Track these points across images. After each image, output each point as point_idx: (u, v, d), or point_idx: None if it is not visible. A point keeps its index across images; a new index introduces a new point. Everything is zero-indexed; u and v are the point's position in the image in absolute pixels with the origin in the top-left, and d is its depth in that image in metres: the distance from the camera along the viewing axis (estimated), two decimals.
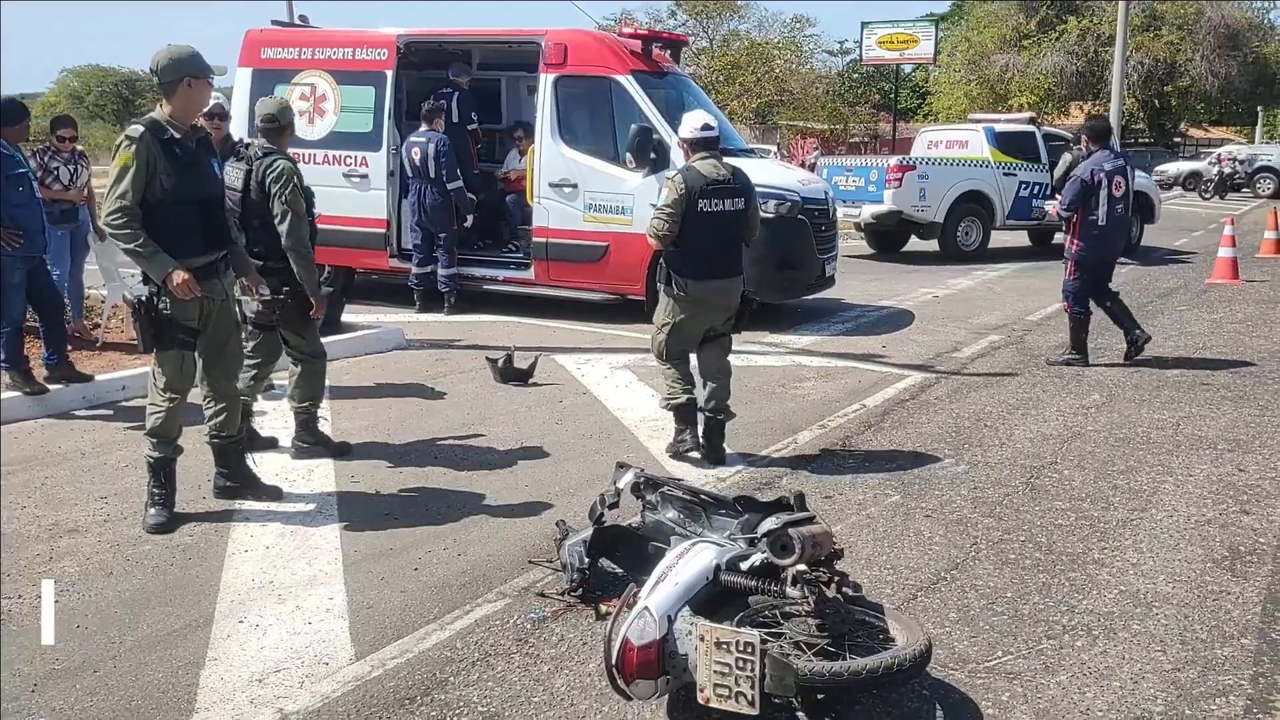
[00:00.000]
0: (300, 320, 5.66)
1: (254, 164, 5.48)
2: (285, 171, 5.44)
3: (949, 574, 4.31)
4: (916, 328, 10.19)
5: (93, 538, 4.66)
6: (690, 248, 5.66)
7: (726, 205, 5.68)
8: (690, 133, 5.80)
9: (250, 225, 5.46)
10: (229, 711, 3.28)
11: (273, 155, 5.50)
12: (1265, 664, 3.57)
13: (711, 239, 5.68)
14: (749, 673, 2.90)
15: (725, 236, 5.75)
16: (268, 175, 5.42)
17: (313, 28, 11.60)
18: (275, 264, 5.47)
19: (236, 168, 5.49)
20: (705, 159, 5.73)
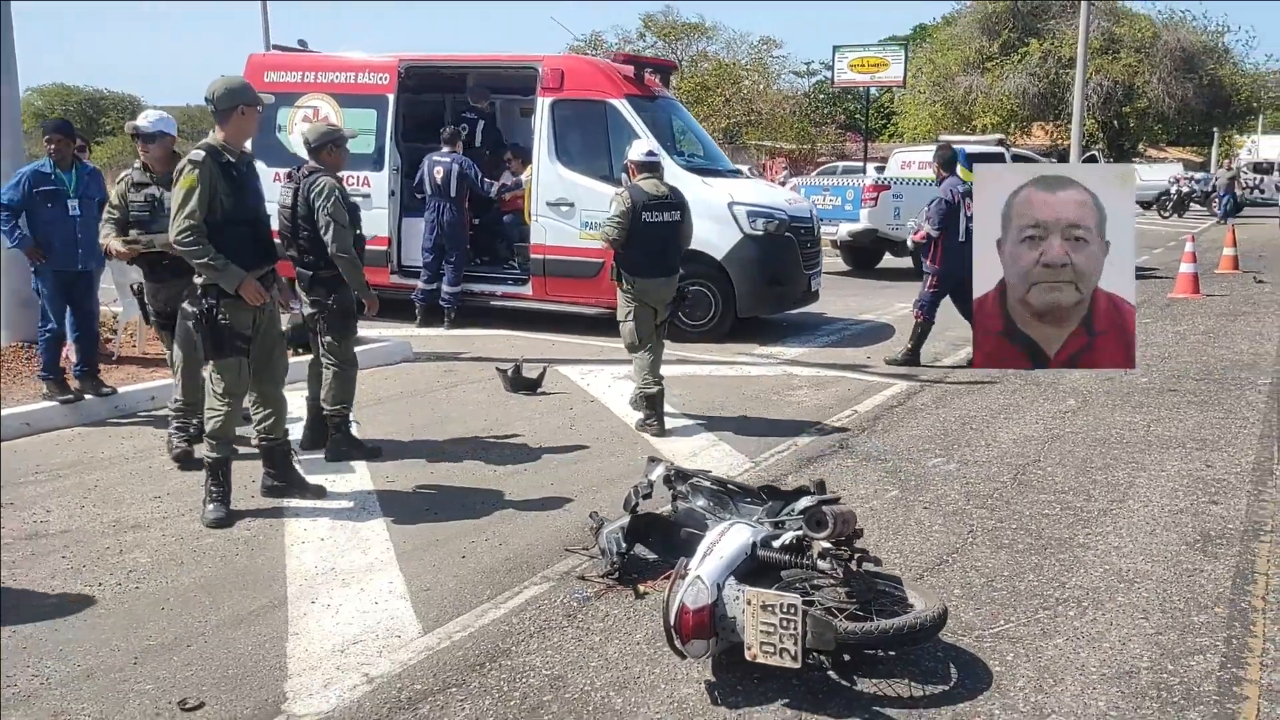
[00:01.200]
0: (343, 326, 6.04)
1: (301, 183, 5.87)
2: (327, 187, 5.84)
3: (950, 557, 4.75)
4: (897, 340, 10.65)
5: (156, 532, 5.00)
6: (636, 251, 6.85)
7: (665, 216, 6.96)
8: (638, 156, 7.16)
9: (300, 238, 5.84)
10: (319, 677, 3.64)
11: (317, 174, 5.89)
12: (1236, 628, 4.03)
13: (652, 244, 6.90)
14: (792, 631, 3.31)
15: (664, 242, 6.98)
16: (312, 191, 5.81)
17: (312, 51, 11.98)
18: (325, 273, 5.91)
19: (288, 188, 5.89)
20: (648, 179, 7.01)
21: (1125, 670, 3.69)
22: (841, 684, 3.57)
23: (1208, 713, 3.41)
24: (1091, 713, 3.40)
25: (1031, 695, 3.51)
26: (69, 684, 3.57)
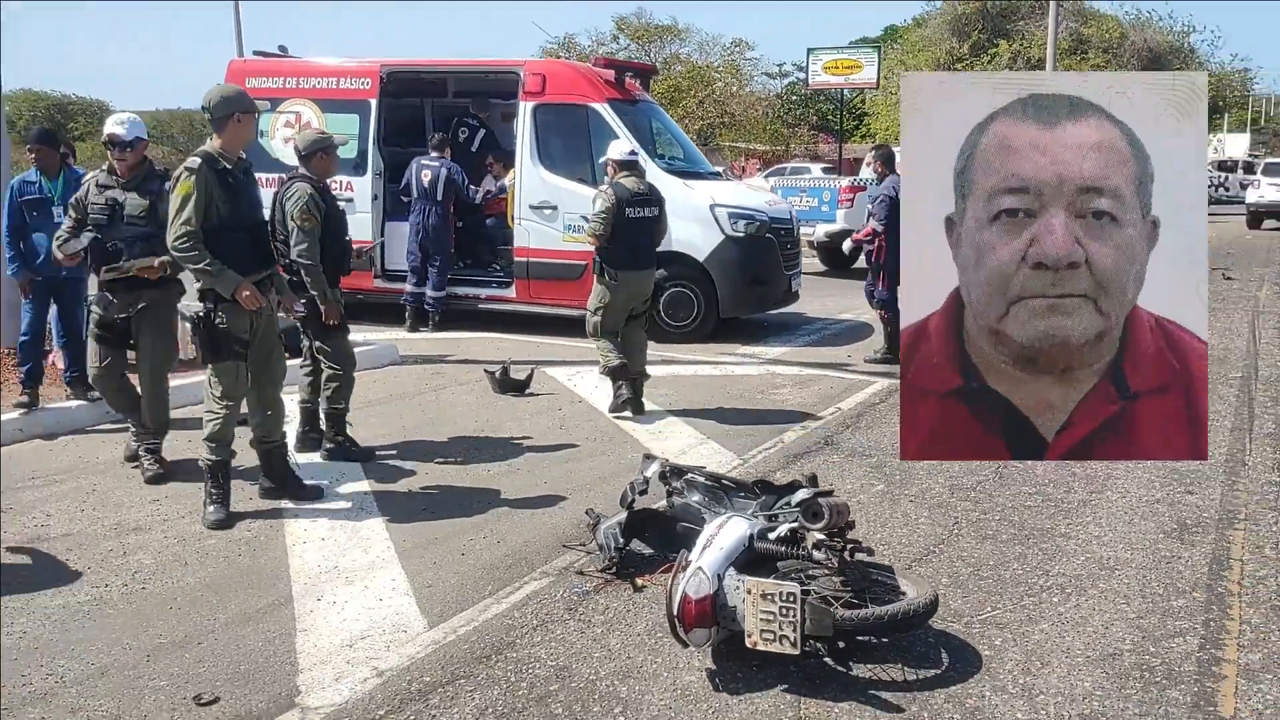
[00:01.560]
0: (320, 328, 6.11)
1: (280, 188, 5.97)
2: (299, 193, 5.92)
3: (937, 548, 4.89)
4: (876, 338, 10.82)
5: (158, 535, 5.07)
6: (620, 245, 7.24)
7: (646, 212, 7.41)
8: (619, 155, 7.53)
9: (278, 243, 5.92)
10: (330, 671, 3.73)
11: (294, 180, 6.02)
12: (1214, 611, 4.19)
13: (635, 239, 7.31)
14: (791, 618, 3.43)
15: (645, 237, 7.42)
16: (286, 198, 5.93)
17: (292, 57, 12.02)
18: (298, 279, 5.97)
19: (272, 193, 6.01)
20: (628, 177, 7.40)
21: (1109, 653, 3.83)
22: (838, 670, 3.70)
23: (1188, 691, 3.56)
24: (1078, 693, 3.54)
25: (1020, 677, 3.65)
26: (84, 681, 3.65)
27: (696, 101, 42.84)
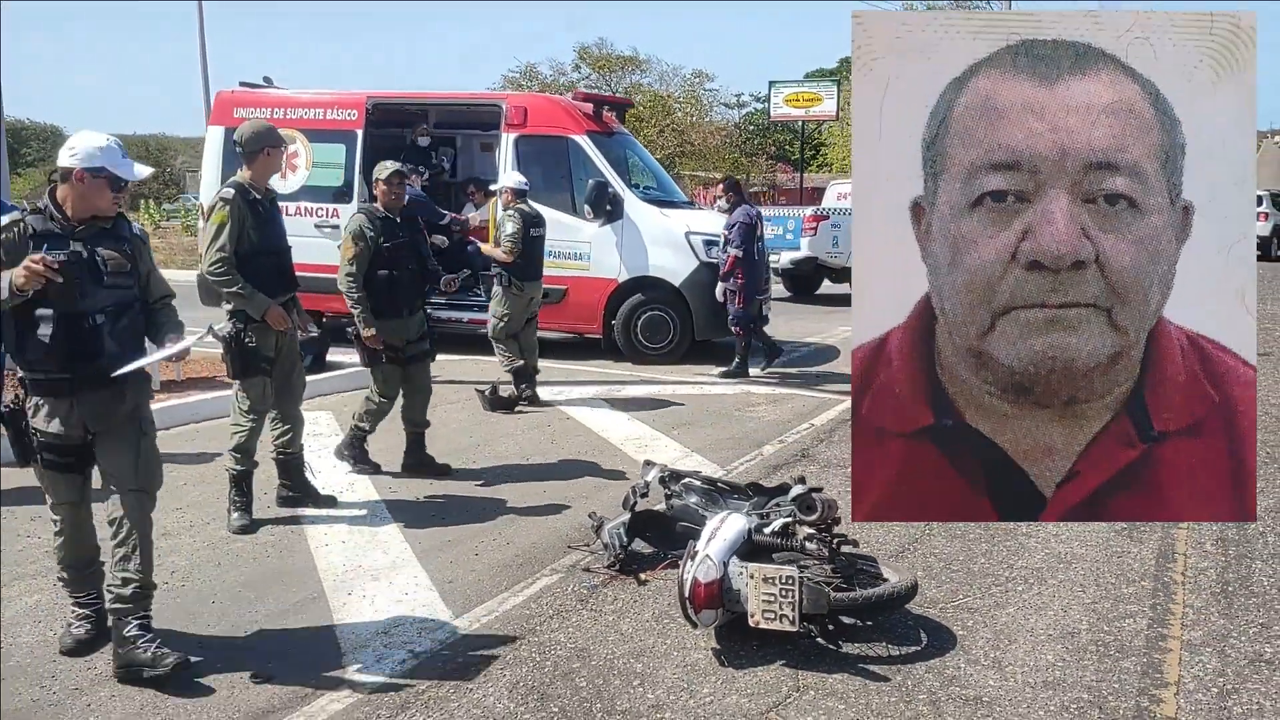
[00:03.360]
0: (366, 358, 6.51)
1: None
2: (350, 222, 6.40)
3: (911, 545, 5.36)
4: (843, 360, 11.36)
5: (187, 539, 5.41)
6: (525, 260, 8.72)
7: (539, 231, 8.95)
8: (514, 184, 8.90)
9: None
10: (371, 653, 4.11)
11: (356, 211, 6.36)
12: (1160, 597, 4.68)
13: (535, 254, 8.87)
14: (791, 599, 3.87)
15: (540, 252, 8.99)
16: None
17: (277, 88, 12.38)
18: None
19: None
20: (522, 203, 8.80)
21: (1068, 631, 4.31)
22: (829, 648, 4.13)
23: (1138, 662, 4.03)
24: (1041, 664, 4.01)
25: (990, 652, 4.11)
26: None
27: (657, 131, 43.53)
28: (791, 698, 3.75)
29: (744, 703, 3.71)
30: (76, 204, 3.79)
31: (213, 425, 7.83)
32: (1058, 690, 3.80)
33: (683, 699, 3.74)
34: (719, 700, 3.73)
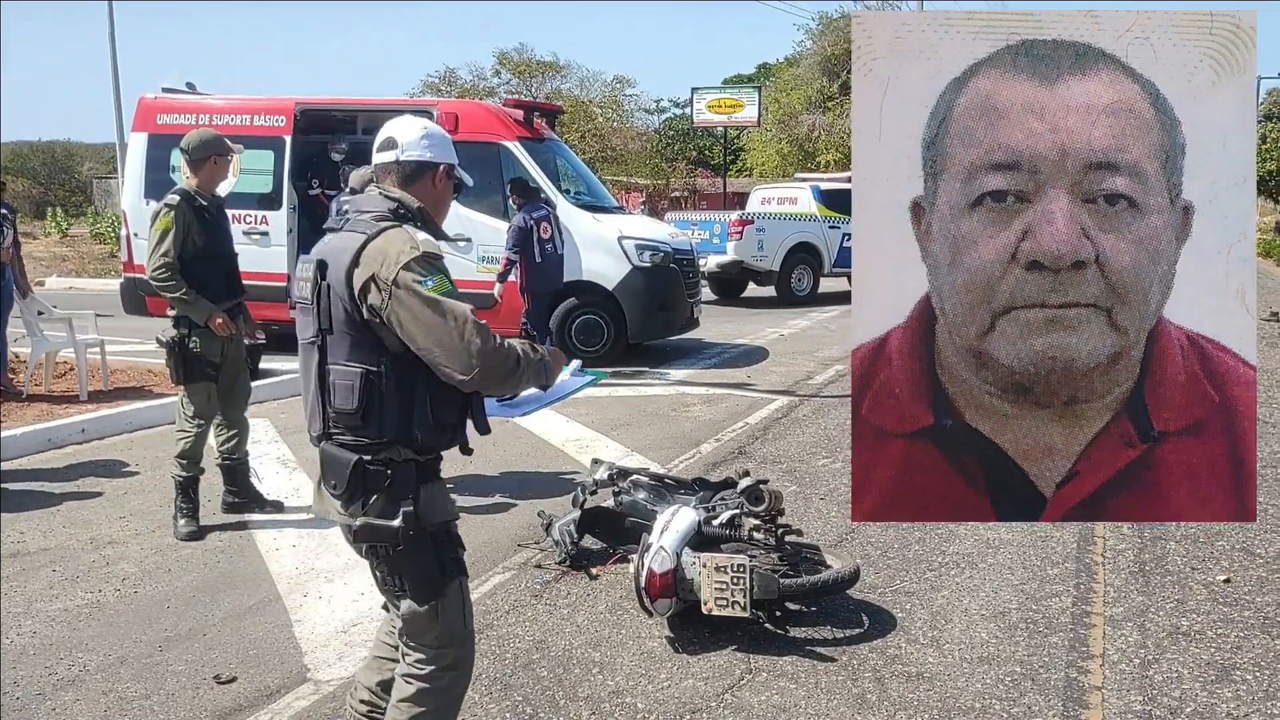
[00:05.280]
0: None
1: None
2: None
3: (849, 536, 5.58)
4: (773, 361, 11.64)
5: (134, 547, 5.40)
6: None
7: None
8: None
9: None
10: (332, 651, 4.19)
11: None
12: (1083, 577, 4.97)
13: None
14: (742, 586, 4.05)
15: None
16: None
17: (201, 94, 12.26)
18: None
19: None
20: None
21: (999, 611, 4.56)
22: (778, 633, 4.32)
23: (1065, 637, 4.29)
24: (976, 641, 4.24)
25: (929, 632, 4.34)
26: (107, 669, 4.02)
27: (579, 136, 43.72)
28: (745, 680, 3.92)
29: (700, 686, 3.88)
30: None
31: (146, 435, 7.80)
32: (993, 665, 4.03)
33: (642, 684, 3.89)
34: (676, 684, 3.89)
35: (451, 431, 2.77)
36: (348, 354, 2.63)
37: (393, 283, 2.53)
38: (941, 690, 3.84)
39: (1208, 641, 4.25)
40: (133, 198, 11.76)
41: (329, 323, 2.63)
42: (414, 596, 2.72)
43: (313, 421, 2.73)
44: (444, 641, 2.80)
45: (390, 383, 2.62)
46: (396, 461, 2.66)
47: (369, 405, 2.61)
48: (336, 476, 2.65)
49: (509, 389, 2.76)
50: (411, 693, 2.78)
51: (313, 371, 2.70)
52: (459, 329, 2.53)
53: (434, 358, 2.56)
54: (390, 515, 2.63)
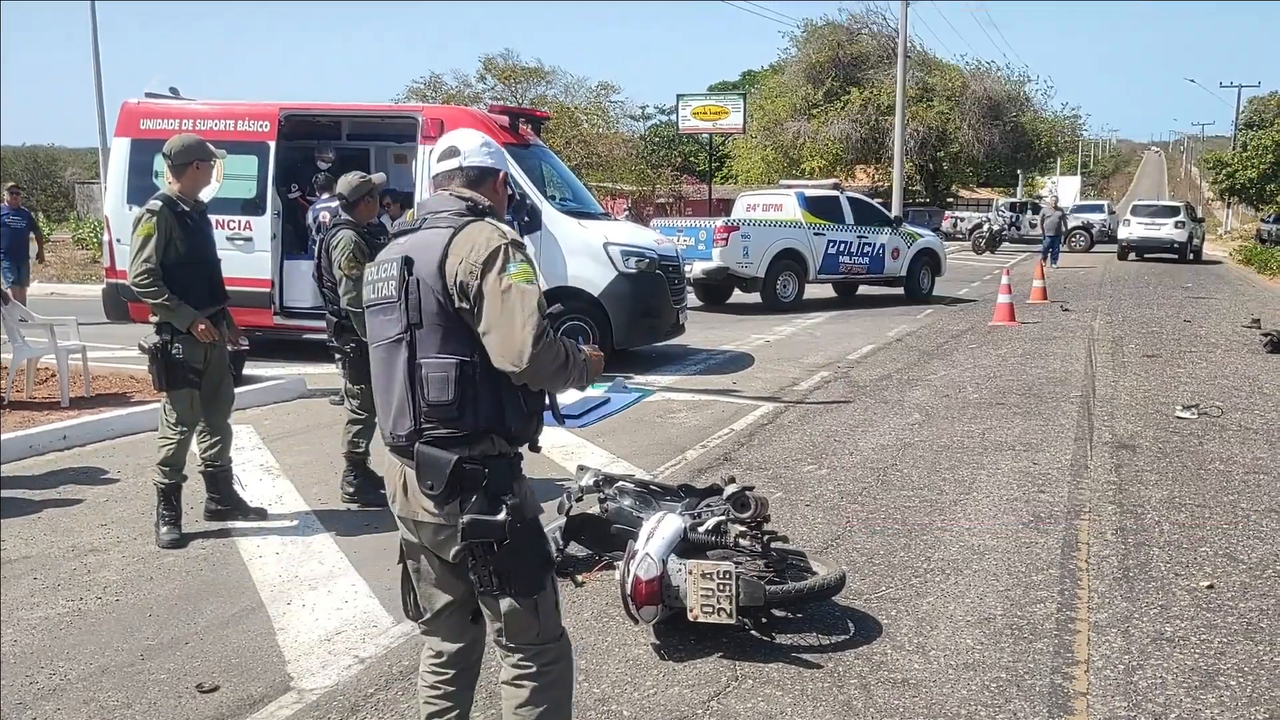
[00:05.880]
0: (363, 373, 6.29)
1: (325, 234, 6.31)
2: (345, 241, 6.11)
3: (834, 542, 5.58)
4: (758, 367, 11.65)
5: (116, 555, 5.36)
6: None
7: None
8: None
9: (325, 287, 6.24)
10: (315, 661, 4.16)
11: (338, 228, 6.23)
12: (1067, 583, 4.98)
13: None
14: (728, 593, 4.04)
15: None
16: (332, 246, 6.17)
17: (184, 99, 12.20)
18: (348, 321, 6.10)
19: (316, 238, 6.31)
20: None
21: (984, 617, 4.57)
22: (764, 640, 4.32)
23: (1050, 643, 4.30)
24: (961, 648, 4.25)
25: (914, 638, 4.34)
26: (88, 679, 3.99)
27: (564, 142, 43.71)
28: (731, 687, 3.92)
29: (686, 693, 3.87)
30: None
31: (127, 442, 7.73)
32: (978, 671, 4.04)
33: (628, 692, 3.88)
34: (662, 692, 3.88)
35: (536, 421, 2.83)
36: (440, 346, 2.66)
37: (482, 264, 2.61)
38: (927, 696, 3.84)
39: (1191, 647, 4.27)
40: (115, 203, 11.69)
41: (419, 317, 2.67)
42: (518, 592, 2.74)
43: (399, 421, 2.73)
44: (545, 637, 2.83)
45: (483, 372, 2.66)
46: (492, 456, 2.71)
47: (464, 396, 2.65)
48: (434, 476, 2.67)
49: (556, 386, 2.80)
50: (526, 695, 2.80)
51: (399, 370, 2.71)
52: (523, 319, 2.58)
53: (491, 342, 2.62)
54: (492, 511, 2.67)
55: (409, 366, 2.69)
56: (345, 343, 6.25)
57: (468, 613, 2.94)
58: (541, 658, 2.81)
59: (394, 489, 2.83)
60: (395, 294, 2.69)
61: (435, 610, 2.96)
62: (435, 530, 2.76)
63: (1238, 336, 14.36)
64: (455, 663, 3.00)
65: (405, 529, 2.88)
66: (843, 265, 18.44)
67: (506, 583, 2.72)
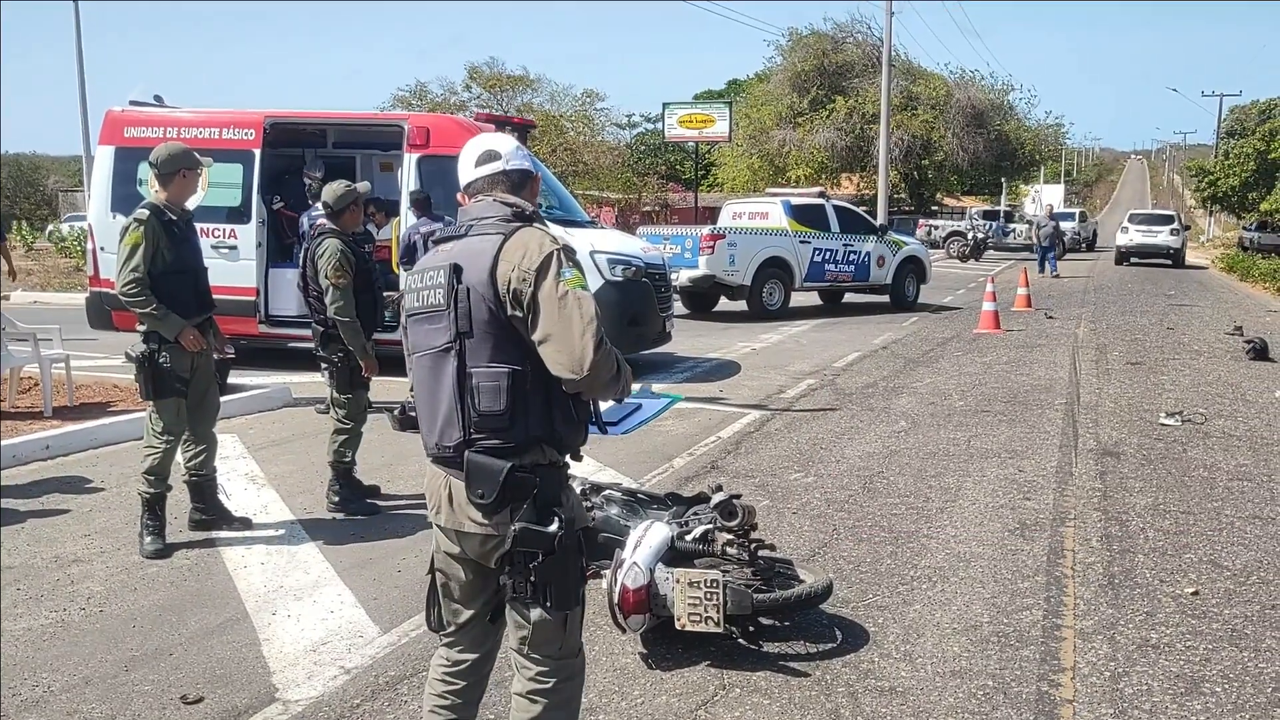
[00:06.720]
0: (346, 382, 6.33)
1: (310, 243, 6.28)
2: (330, 250, 6.08)
3: (821, 550, 5.59)
4: (745, 375, 11.66)
5: (100, 565, 5.32)
6: None
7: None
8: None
9: (310, 296, 6.23)
10: (301, 671, 4.14)
11: (324, 236, 6.20)
12: (1053, 591, 5.00)
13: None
14: (715, 601, 4.04)
15: None
16: (318, 255, 6.14)
17: (169, 107, 12.16)
18: (334, 330, 6.12)
19: (301, 247, 6.27)
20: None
21: (971, 624, 4.58)
22: (751, 648, 4.32)
23: (1037, 650, 4.31)
24: (949, 655, 4.26)
25: (901, 646, 4.35)
26: (72, 690, 3.96)
27: (550, 150, 43.70)
28: (719, 696, 3.91)
29: (674, 702, 3.86)
30: None
31: (111, 451, 7.69)
32: (965, 679, 4.05)
33: (615, 701, 3.87)
34: (650, 700, 3.88)
35: (584, 430, 2.78)
36: (491, 354, 2.62)
37: (536, 271, 2.56)
38: (914, 704, 3.85)
39: (1177, 654, 4.29)
40: (99, 211, 11.64)
41: (469, 325, 2.62)
42: (555, 604, 2.69)
43: (446, 432, 2.68)
44: (568, 651, 2.80)
45: (534, 381, 2.62)
46: (542, 465, 2.67)
47: (515, 405, 2.61)
48: (486, 485, 2.61)
49: (608, 394, 2.74)
50: (539, 712, 2.78)
51: (447, 379, 2.65)
52: (582, 326, 2.55)
53: (549, 350, 2.58)
54: (543, 522, 2.62)
55: (458, 376, 2.64)
56: (332, 352, 6.24)
57: (487, 617, 2.91)
58: (560, 672, 2.79)
59: (438, 500, 2.77)
60: (443, 302, 2.63)
61: (460, 624, 2.93)
62: (482, 541, 2.71)
63: (1220, 344, 14.46)
64: (470, 673, 2.98)
65: (446, 541, 2.81)
66: (828, 273, 18.51)
67: (544, 594, 2.67)
